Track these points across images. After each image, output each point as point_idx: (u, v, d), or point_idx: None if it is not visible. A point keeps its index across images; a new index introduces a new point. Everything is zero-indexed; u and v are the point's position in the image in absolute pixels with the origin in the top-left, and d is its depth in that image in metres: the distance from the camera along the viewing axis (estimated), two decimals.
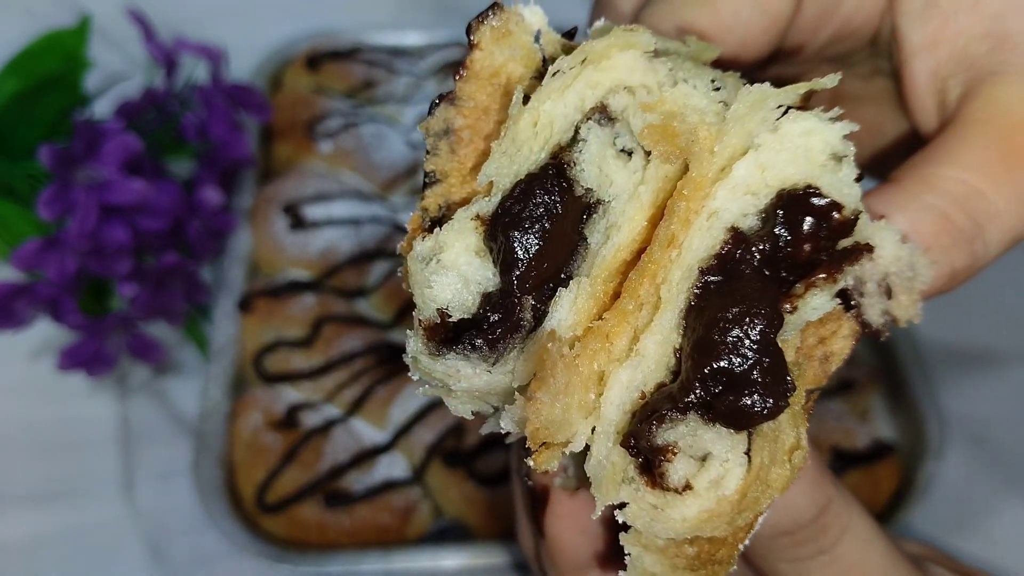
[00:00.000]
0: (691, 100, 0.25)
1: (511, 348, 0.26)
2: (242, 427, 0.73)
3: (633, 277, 0.25)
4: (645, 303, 0.26)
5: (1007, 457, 0.83)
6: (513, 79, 0.28)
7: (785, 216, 0.24)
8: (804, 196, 0.24)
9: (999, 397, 0.88)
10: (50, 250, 0.70)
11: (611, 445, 0.25)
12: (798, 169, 0.25)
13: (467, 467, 0.70)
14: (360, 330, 0.78)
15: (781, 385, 0.23)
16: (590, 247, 0.26)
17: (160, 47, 0.84)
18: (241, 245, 0.84)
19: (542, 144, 0.26)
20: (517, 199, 0.26)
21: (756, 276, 0.25)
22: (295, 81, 1.01)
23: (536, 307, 0.26)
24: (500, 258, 0.26)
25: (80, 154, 0.68)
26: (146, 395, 0.81)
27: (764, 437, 0.25)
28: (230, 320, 0.79)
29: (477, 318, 0.26)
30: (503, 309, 0.25)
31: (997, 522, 0.79)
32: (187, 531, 0.72)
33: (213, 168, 0.84)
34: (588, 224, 0.26)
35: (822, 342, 0.26)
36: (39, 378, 0.81)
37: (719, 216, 0.25)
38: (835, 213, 0.25)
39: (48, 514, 0.74)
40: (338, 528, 0.68)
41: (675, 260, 0.25)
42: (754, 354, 0.23)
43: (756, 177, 0.25)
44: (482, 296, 0.26)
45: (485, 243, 0.26)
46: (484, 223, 0.26)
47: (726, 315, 0.24)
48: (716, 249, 0.25)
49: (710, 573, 0.26)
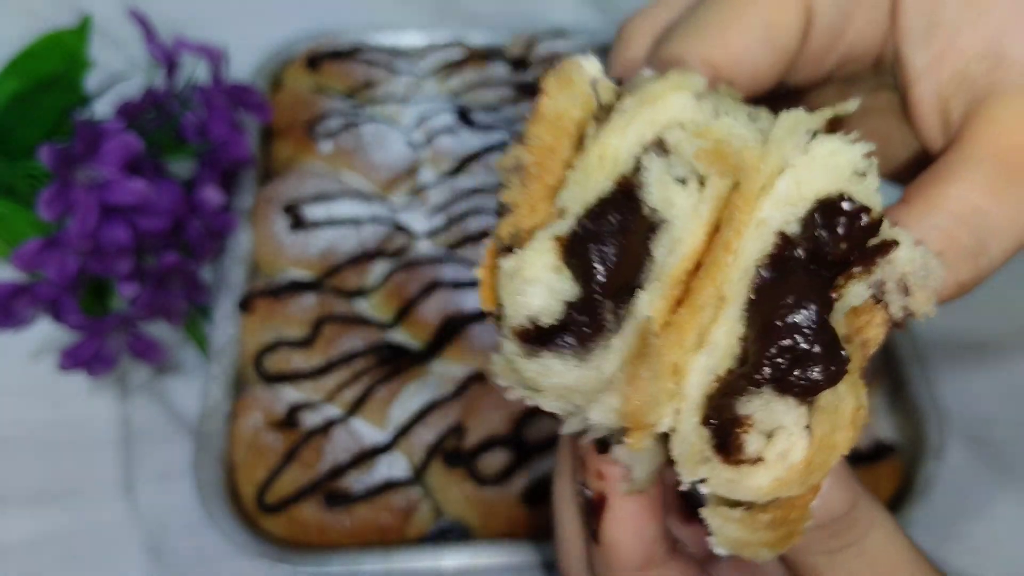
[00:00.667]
0: (734, 129, 0.30)
1: (598, 345, 0.31)
2: (242, 427, 0.73)
3: (698, 280, 0.30)
4: (710, 302, 0.30)
5: (1008, 457, 0.83)
6: (574, 121, 0.32)
7: (823, 220, 0.29)
8: (837, 202, 0.29)
9: (1000, 397, 0.88)
10: (50, 250, 0.70)
11: (696, 421, 0.30)
12: (828, 182, 0.30)
13: (467, 467, 0.70)
14: (360, 330, 0.78)
15: (837, 356, 0.28)
16: (656, 260, 0.30)
17: (160, 47, 0.84)
18: (241, 245, 0.84)
19: (607, 174, 0.31)
20: (593, 219, 0.30)
21: (804, 270, 0.29)
22: (295, 81, 1.01)
23: (615, 311, 0.31)
24: (580, 271, 0.30)
25: (80, 154, 0.68)
26: (146, 395, 0.81)
27: (822, 411, 0.29)
28: (230, 320, 0.79)
29: (564, 322, 0.31)
30: (588, 312, 0.30)
31: (997, 521, 0.79)
32: (187, 531, 0.72)
33: (213, 168, 0.85)
34: (654, 240, 0.31)
35: (860, 330, 0.31)
36: (39, 378, 0.81)
37: (767, 223, 0.30)
38: (863, 215, 0.29)
39: (48, 514, 0.74)
40: (338, 528, 0.68)
41: (733, 263, 0.30)
42: (812, 332, 0.28)
43: (794, 191, 0.30)
44: (565, 304, 0.31)
45: (563, 259, 0.31)
46: (561, 242, 0.31)
47: (785, 302, 0.29)
48: (768, 251, 0.30)
49: (787, 531, 0.30)
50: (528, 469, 0.70)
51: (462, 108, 0.98)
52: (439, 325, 0.78)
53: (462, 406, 0.73)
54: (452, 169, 0.93)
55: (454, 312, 0.78)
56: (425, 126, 0.97)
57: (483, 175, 0.93)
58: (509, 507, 0.69)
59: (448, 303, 0.79)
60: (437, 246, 0.87)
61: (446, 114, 0.97)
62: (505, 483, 0.70)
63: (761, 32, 0.35)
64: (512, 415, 0.72)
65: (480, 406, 0.73)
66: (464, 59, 1.04)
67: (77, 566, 0.71)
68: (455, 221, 0.87)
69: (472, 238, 0.86)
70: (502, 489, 0.69)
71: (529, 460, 0.71)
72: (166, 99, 0.84)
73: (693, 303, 0.30)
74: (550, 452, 0.71)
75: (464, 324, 0.78)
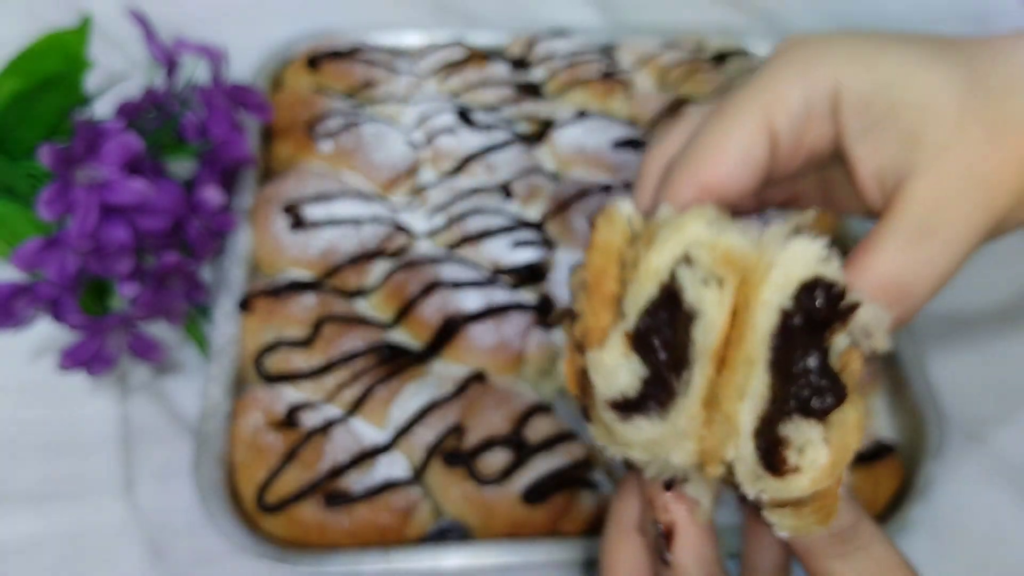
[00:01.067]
0: (735, 242, 0.42)
1: (673, 406, 0.42)
2: (242, 427, 0.73)
3: (731, 351, 0.42)
4: (743, 364, 0.41)
5: (1008, 457, 0.83)
6: (617, 247, 0.44)
7: (807, 297, 0.41)
8: (814, 283, 0.41)
9: (1000, 397, 0.88)
10: (51, 250, 0.70)
11: (751, 449, 0.41)
12: (805, 270, 0.41)
13: (467, 467, 0.70)
14: (360, 330, 0.78)
15: (838, 386, 0.41)
16: (697, 341, 0.42)
17: (161, 47, 0.84)
18: (241, 245, 0.85)
19: (654, 283, 0.42)
20: (649, 317, 0.42)
21: (804, 332, 0.41)
22: (295, 81, 1.01)
23: (678, 379, 0.42)
24: (646, 356, 0.42)
25: (80, 154, 0.68)
26: (146, 395, 0.81)
27: (835, 425, 0.41)
28: (230, 320, 0.79)
29: (644, 393, 0.42)
30: (660, 384, 0.42)
31: (997, 522, 0.79)
32: (187, 531, 0.72)
33: (213, 168, 0.85)
34: (694, 327, 0.42)
35: (848, 364, 0.42)
36: (39, 378, 0.81)
37: (770, 303, 0.41)
38: (833, 288, 0.41)
39: (47, 513, 0.74)
40: (338, 528, 0.68)
41: (752, 335, 0.41)
42: (818, 373, 0.41)
43: (783, 279, 0.41)
44: (641, 380, 0.42)
45: (632, 349, 0.42)
46: (629, 337, 0.42)
47: (795, 356, 0.41)
48: (776, 322, 0.41)
49: (827, 511, 0.42)
50: (528, 469, 0.70)
51: (462, 108, 0.99)
52: (439, 325, 0.78)
53: (462, 406, 0.73)
54: (452, 169, 0.94)
55: (453, 312, 0.78)
56: (425, 126, 0.97)
57: (483, 175, 0.93)
58: (509, 507, 0.69)
59: (448, 303, 0.79)
60: (437, 246, 0.87)
61: (446, 114, 0.97)
62: (505, 483, 0.70)
63: (739, 157, 0.47)
64: (512, 415, 0.72)
65: (480, 406, 0.73)
66: (464, 59, 1.04)
67: (77, 565, 0.71)
68: (455, 221, 0.88)
69: (472, 238, 0.86)
70: (502, 489, 0.69)
71: (529, 460, 0.71)
72: (166, 99, 0.84)
73: (732, 367, 0.42)
74: (550, 453, 0.71)
75: (463, 324, 0.78)
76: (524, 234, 0.87)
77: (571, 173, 0.96)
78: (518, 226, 0.88)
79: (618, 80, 1.05)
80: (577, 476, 0.71)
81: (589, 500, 0.71)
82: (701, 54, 1.09)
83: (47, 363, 0.82)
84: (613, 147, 0.96)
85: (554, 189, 0.92)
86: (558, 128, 0.99)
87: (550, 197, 0.92)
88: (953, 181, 0.47)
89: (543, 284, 0.85)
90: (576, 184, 0.92)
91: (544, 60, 1.06)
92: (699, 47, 1.11)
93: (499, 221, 0.88)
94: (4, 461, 0.77)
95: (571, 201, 0.90)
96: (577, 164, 0.96)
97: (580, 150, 0.97)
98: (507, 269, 0.84)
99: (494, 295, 0.81)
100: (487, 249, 0.86)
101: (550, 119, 1.01)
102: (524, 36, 1.09)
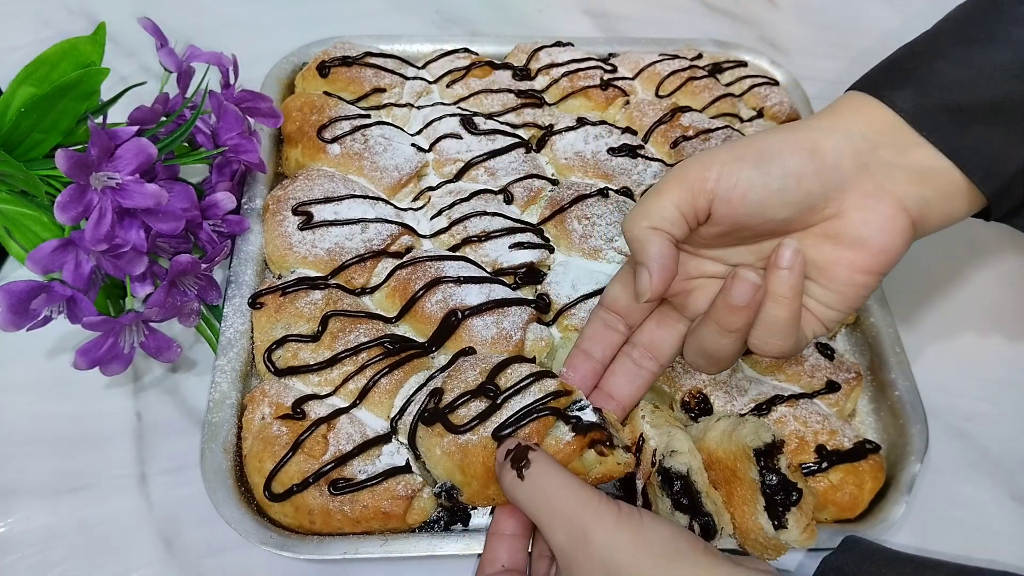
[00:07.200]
0: (678, 432, 0.71)
1: (707, 520, 0.68)
2: (252, 419, 0.75)
3: (736, 495, 0.68)
4: (748, 499, 0.67)
5: (992, 455, 0.85)
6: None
7: (764, 454, 0.67)
8: (761, 447, 0.67)
9: (984, 395, 0.89)
10: (66, 252, 0.71)
11: (772, 526, 0.66)
12: (755, 441, 0.67)
13: (442, 420, 0.70)
14: (366, 325, 0.79)
15: (798, 490, 0.66)
16: (696, 482, 0.68)
17: (172, 55, 0.86)
18: (251, 244, 0.87)
19: (652, 462, 0.71)
20: (668, 488, 0.69)
21: (774, 471, 0.67)
22: (305, 87, 1.03)
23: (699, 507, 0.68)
24: (685, 510, 0.69)
25: (96, 159, 0.69)
26: (159, 392, 0.83)
27: (804, 501, 0.66)
28: (240, 316, 0.81)
29: (699, 525, 0.68)
30: (693, 510, 0.68)
31: (982, 519, 0.80)
32: (198, 522, 0.74)
33: (225, 172, 0.86)
34: (693, 486, 0.68)
35: (796, 476, 0.67)
36: (56, 375, 0.83)
37: (752, 464, 0.67)
38: (776, 445, 0.67)
39: (64, 505, 0.76)
40: (343, 516, 0.70)
41: (748, 487, 0.67)
42: (787, 487, 0.66)
43: (744, 450, 0.67)
44: (690, 518, 0.69)
45: (675, 510, 0.69)
46: (672, 503, 0.69)
47: (773, 485, 0.66)
48: (757, 473, 0.67)
49: (812, 530, 0.65)
50: (503, 411, 0.69)
51: (466, 114, 1.00)
52: (441, 319, 0.80)
53: (445, 376, 0.74)
54: (455, 173, 0.95)
55: (455, 307, 0.80)
56: (430, 131, 0.99)
57: (485, 179, 0.94)
58: (484, 448, 0.68)
59: (450, 298, 0.80)
60: (440, 246, 0.89)
61: (450, 120, 0.99)
62: (479, 428, 0.69)
63: (672, 207, 0.63)
64: (486, 369, 0.72)
65: (459, 370, 0.74)
66: (469, 67, 1.06)
67: (92, 555, 0.73)
68: (457, 223, 0.89)
69: (473, 239, 0.88)
70: (475, 435, 0.69)
71: (504, 404, 0.70)
72: (179, 106, 0.85)
73: (740, 502, 0.67)
74: (523, 392, 0.70)
75: (464, 318, 0.79)
76: (523, 236, 0.89)
77: (569, 178, 0.98)
78: (518, 228, 0.90)
79: (616, 89, 1.07)
80: (549, 407, 0.69)
81: (564, 430, 0.69)
82: (697, 64, 1.11)
83: (63, 361, 0.84)
84: (610, 154, 0.98)
85: (553, 193, 0.94)
86: (558, 135, 1.00)
87: (549, 201, 0.93)
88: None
89: (541, 284, 0.86)
90: (574, 189, 0.94)
91: (545, 69, 1.08)
92: (695, 58, 1.12)
93: (499, 223, 0.90)
94: (22, 455, 0.79)
95: (569, 205, 0.91)
96: (575, 169, 0.98)
97: (578, 156, 0.98)
98: (507, 269, 0.86)
99: (494, 292, 0.82)
100: (488, 250, 0.87)
101: (550, 126, 1.02)
102: (527, 46, 1.10)
